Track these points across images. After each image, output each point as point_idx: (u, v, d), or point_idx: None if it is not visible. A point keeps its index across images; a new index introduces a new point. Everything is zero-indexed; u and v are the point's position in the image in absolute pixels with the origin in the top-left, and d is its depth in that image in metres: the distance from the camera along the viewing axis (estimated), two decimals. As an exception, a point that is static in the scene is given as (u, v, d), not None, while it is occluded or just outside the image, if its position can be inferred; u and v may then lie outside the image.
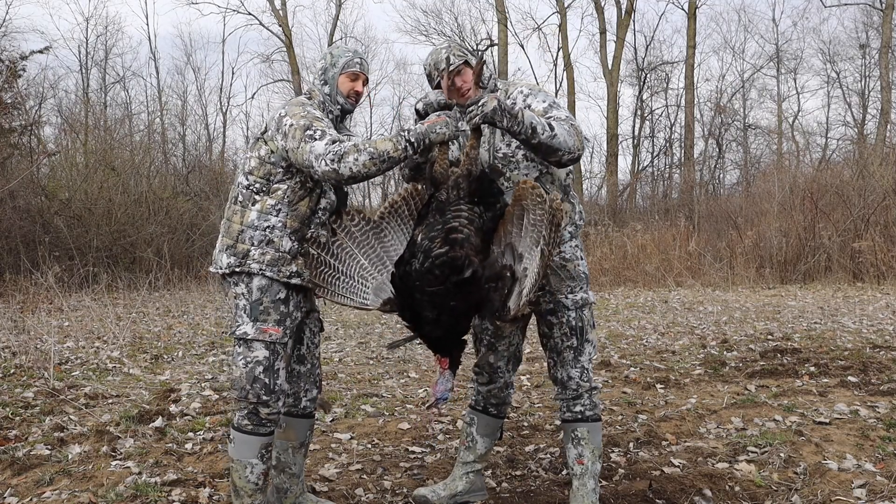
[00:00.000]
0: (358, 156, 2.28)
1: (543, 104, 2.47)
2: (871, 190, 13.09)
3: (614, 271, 13.10)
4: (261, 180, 2.50)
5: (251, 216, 2.49)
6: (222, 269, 2.52)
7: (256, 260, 2.46)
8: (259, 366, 2.47)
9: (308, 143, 2.34)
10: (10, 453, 3.29)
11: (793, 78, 23.62)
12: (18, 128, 12.52)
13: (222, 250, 2.53)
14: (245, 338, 2.47)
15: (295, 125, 2.40)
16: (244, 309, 2.48)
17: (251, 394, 2.48)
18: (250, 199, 2.51)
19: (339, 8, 23.03)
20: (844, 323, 7.24)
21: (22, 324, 6.89)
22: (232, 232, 2.51)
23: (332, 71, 2.59)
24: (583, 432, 2.59)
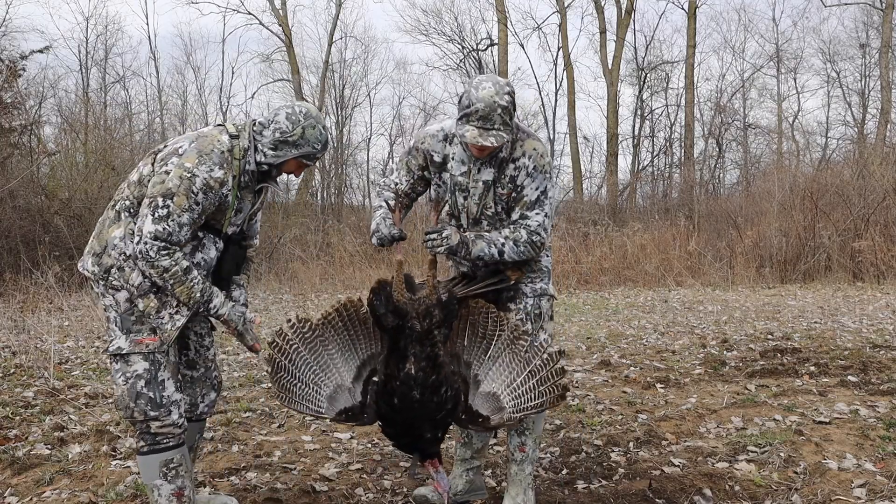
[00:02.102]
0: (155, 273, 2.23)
1: (535, 194, 2.47)
2: (871, 189, 13.09)
3: (614, 271, 13.09)
4: (133, 199, 2.33)
5: (115, 233, 2.31)
6: (87, 273, 2.36)
7: (116, 278, 2.31)
8: (140, 380, 2.30)
9: (147, 211, 2.22)
10: (11, 453, 3.29)
11: (793, 77, 23.60)
12: (18, 127, 12.51)
13: (89, 253, 2.36)
14: (120, 353, 2.30)
15: (169, 178, 2.22)
16: (115, 322, 2.32)
17: (136, 411, 2.30)
18: (121, 214, 2.34)
19: (339, 7, 23.02)
20: (844, 322, 7.24)
21: (22, 323, 6.89)
22: (102, 239, 2.34)
23: (289, 149, 2.35)
24: (528, 423, 2.64)
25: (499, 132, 2.31)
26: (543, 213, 2.48)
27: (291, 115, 2.35)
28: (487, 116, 2.30)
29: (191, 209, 2.22)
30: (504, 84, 2.34)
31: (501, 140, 2.32)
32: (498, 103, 2.29)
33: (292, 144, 2.35)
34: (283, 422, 3.92)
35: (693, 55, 20.38)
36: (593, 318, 8.30)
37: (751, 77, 23.40)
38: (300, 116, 2.35)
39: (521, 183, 2.46)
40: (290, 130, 2.34)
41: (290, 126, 2.34)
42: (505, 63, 21.35)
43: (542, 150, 2.48)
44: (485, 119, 2.30)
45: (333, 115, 23.55)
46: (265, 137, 2.36)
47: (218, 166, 2.26)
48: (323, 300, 10.80)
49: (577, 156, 20.98)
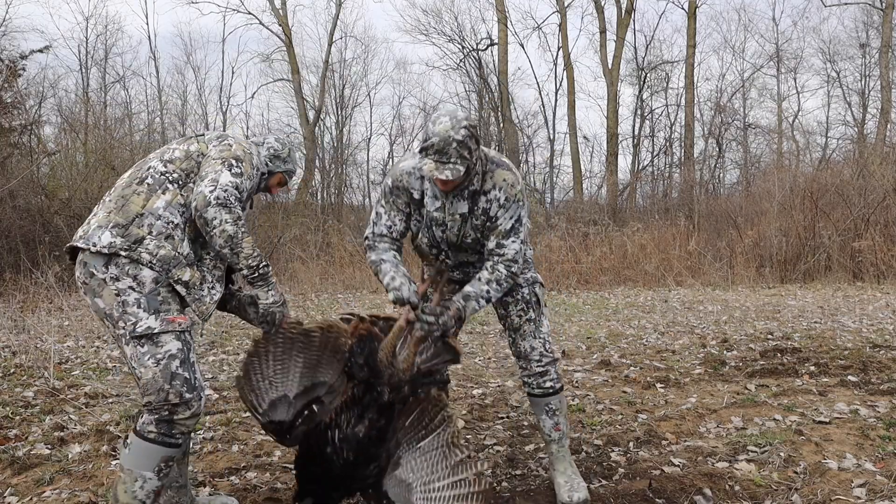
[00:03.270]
0: (230, 220, 2.19)
1: (509, 223, 2.53)
2: (871, 189, 13.10)
3: (614, 270, 13.09)
4: (180, 172, 2.34)
5: (157, 203, 2.26)
6: (98, 247, 2.19)
7: (150, 251, 2.21)
8: (174, 360, 2.20)
9: (223, 166, 2.28)
10: (11, 452, 3.29)
11: (793, 77, 23.61)
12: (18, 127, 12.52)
13: (104, 226, 2.22)
14: (150, 333, 2.18)
15: (233, 148, 2.37)
16: (137, 303, 2.19)
17: (172, 393, 2.19)
18: (162, 185, 2.30)
19: (339, 7, 23.02)
20: (844, 322, 7.24)
21: (22, 323, 6.90)
22: (128, 212, 2.25)
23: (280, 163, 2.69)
24: (556, 403, 2.82)
25: (455, 165, 2.35)
26: (519, 240, 2.55)
27: (279, 139, 2.73)
28: (443, 150, 2.34)
29: (251, 178, 2.37)
30: (462, 119, 2.37)
31: (458, 173, 2.35)
32: (453, 137, 2.33)
33: (282, 160, 2.70)
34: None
35: (693, 55, 20.39)
36: (593, 317, 8.31)
37: (751, 77, 23.42)
38: (286, 140, 2.74)
39: (494, 214, 2.54)
40: (281, 149, 2.70)
41: (281, 146, 2.70)
42: (505, 63, 21.36)
43: (511, 180, 2.52)
44: (440, 153, 2.34)
45: (333, 115, 23.56)
46: (261, 153, 2.65)
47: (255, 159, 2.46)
48: (323, 300, 10.80)
49: (577, 156, 20.99)
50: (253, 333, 7.02)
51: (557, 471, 2.82)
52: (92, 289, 2.23)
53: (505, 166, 2.55)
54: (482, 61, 22.42)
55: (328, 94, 23.14)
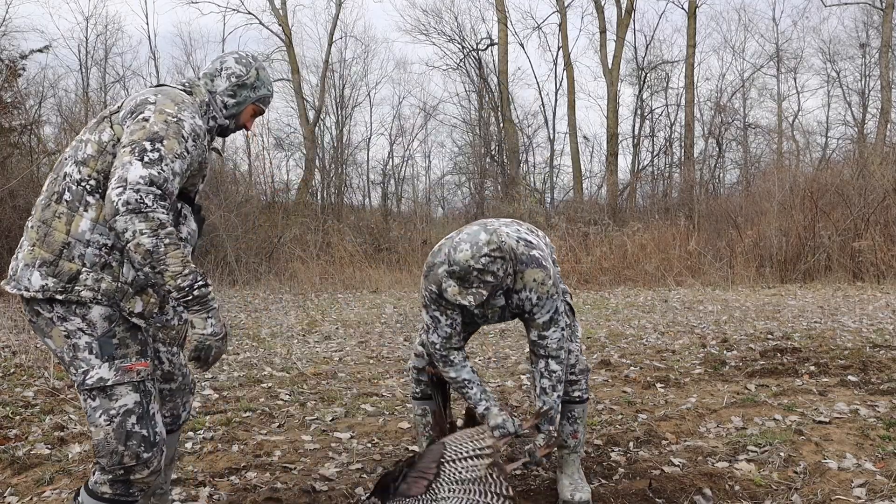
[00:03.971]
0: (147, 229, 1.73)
1: (546, 316, 2.57)
2: (871, 189, 13.10)
3: (614, 270, 13.10)
4: (97, 176, 1.89)
5: (82, 225, 1.87)
6: (31, 292, 1.86)
7: (89, 286, 1.85)
8: (130, 416, 1.89)
9: (132, 155, 1.78)
10: (11, 452, 3.29)
11: (793, 77, 23.60)
12: (18, 127, 12.53)
13: (31, 265, 1.88)
14: (102, 385, 1.87)
15: (149, 124, 1.85)
16: (88, 348, 1.87)
17: (127, 455, 1.89)
18: (82, 199, 1.88)
19: (339, 7, 23.02)
20: (844, 322, 7.24)
21: (22, 323, 6.90)
22: (52, 243, 1.87)
23: (248, 92, 2.18)
24: (579, 412, 2.87)
25: (478, 290, 2.37)
26: (559, 328, 2.60)
27: (241, 59, 2.19)
28: (464, 278, 2.36)
29: (181, 156, 1.86)
30: (482, 245, 2.33)
31: (480, 297, 2.38)
32: (473, 267, 2.33)
33: (250, 87, 2.19)
34: (283, 421, 3.92)
35: (693, 55, 20.39)
36: (593, 317, 8.31)
37: (751, 77, 23.41)
38: (250, 59, 2.21)
39: (529, 310, 2.57)
40: (245, 73, 2.18)
41: (244, 69, 2.18)
42: (505, 63, 21.36)
43: (541, 278, 2.52)
44: (462, 280, 2.37)
45: (333, 115, 23.55)
46: (220, 86, 2.15)
47: (198, 115, 1.99)
48: (323, 300, 10.80)
49: (577, 155, 20.99)
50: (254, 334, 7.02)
51: (564, 473, 2.84)
52: (40, 328, 1.93)
53: (534, 264, 2.52)
54: (482, 61, 22.43)
55: (328, 93, 23.15)
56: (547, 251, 2.66)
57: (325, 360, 5.75)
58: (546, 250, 2.64)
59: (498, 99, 21.57)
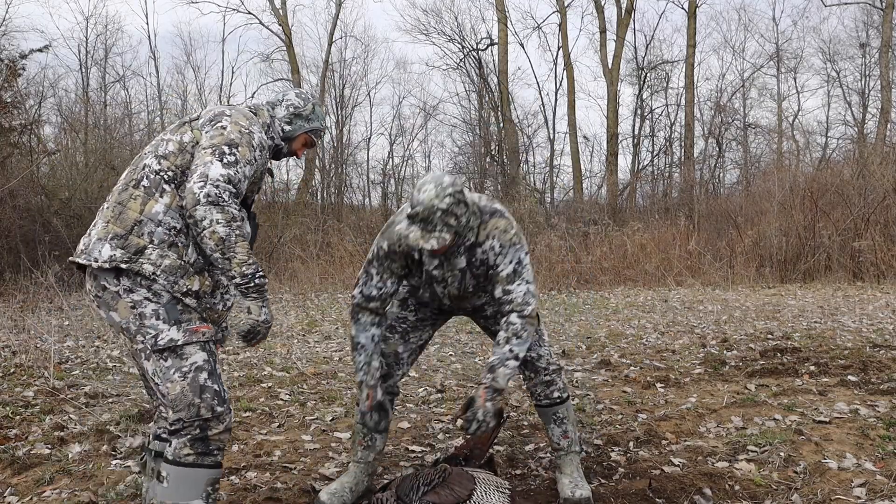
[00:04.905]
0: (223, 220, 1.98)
1: (510, 268, 2.49)
2: (871, 189, 13.10)
3: (614, 270, 13.10)
4: (175, 169, 2.12)
5: (156, 207, 2.07)
6: (100, 262, 2.02)
7: (152, 261, 2.03)
8: (202, 372, 2.04)
9: (213, 156, 2.04)
10: (11, 452, 3.29)
11: (793, 77, 23.61)
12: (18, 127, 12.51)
13: (104, 238, 2.05)
14: (173, 345, 2.02)
15: (227, 132, 2.11)
16: (155, 314, 2.03)
17: (203, 407, 2.01)
18: (158, 186, 2.09)
19: (339, 7, 23.02)
20: (844, 322, 7.24)
21: (22, 323, 6.90)
22: (125, 219, 2.06)
23: (302, 122, 2.43)
24: (563, 412, 2.85)
25: (441, 233, 2.33)
26: (524, 281, 2.51)
27: (300, 94, 2.46)
28: (428, 219, 2.32)
29: (250, 163, 2.12)
30: (447, 185, 2.33)
31: (443, 241, 2.34)
32: (437, 206, 2.31)
33: (305, 118, 2.43)
34: (282, 421, 3.92)
35: (693, 55, 20.39)
36: (593, 317, 8.31)
37: (751, 77, 23.42)
38: (308, 95, 2.48)
39: (493, 263, 2.51)
40: (302, 106, 2.43)
41: (302, 102, 2.44)
42: (505, 63, 21.37)
43: (503, 226, 2.50)
44: (425, 221, 2.33)
45: (333, 115, 23.55)
46: (279, 113, 2.42)
47: (262, 132, 2.25)
48: (323, 300, 10.80)
49: (577, 155, 20.99)
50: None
51: (564, 473, 2.83)
52: (105, 302, 2.07)
53: (497, 214, 2.52)
54: (482, 61, 22.44)
55: (328, 93, 23.14)
56: None
57: (325, 360, 5.75)
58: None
59: (498, 99, 21.57)
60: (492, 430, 2.91)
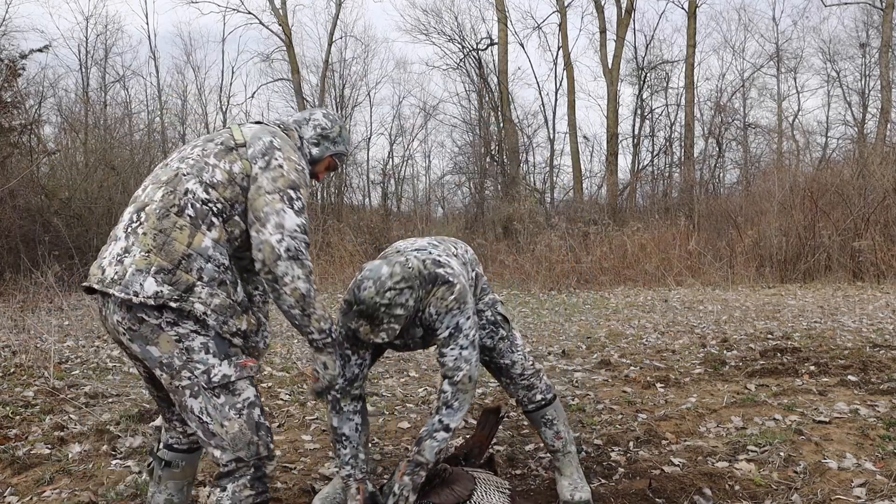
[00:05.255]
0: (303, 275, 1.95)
1: (446, 332, 2.40)
2: (871, 189, 13.10)
3: (614, 270, 13.10)
4: (224, 202, 1.98)
5: (205, 242, 1.93)
6: (142, 298, 1.85)
7: (203, 300, 1.90)
8: (255, 408, 1.97)
9: (284, 203, 1.97)
10: (11, 452, 3.29)
11: (793, 77, 23.63)
12: (18, 127, 12.52)
13: (146, 271, 1.87)
14: (227, 382, 1.93)
15: (286, 171, 2.02)
16: (204, 348, 1.91)
17: (261, 445, 1.97)
18: (206, 218, 1.95)
19: (339, 7, 23.02)
20: (844, 322, 7.24)
21: (22, 323, 6.90)
22: (172, 252, 1.89)
23: (328, 144, 2.35)
24: (552, 413, 2.81)
25: (389, 325, 2.28)
26: (459, 346, 2.42)
27: (328, 115, 2.39)
28: (373, 315, 2.26)
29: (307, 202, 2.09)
30: (385, 279, 2.23)
31: (393, 332, 2.30)
32: (379, 303, 2.24)
33: (332, 140, 2.36)
34: (282, 421, 3.92)
35: (693, 55, 20.39)
36: (593, 317, 8.31)
37: (751, 76, 23.43)
38: (335, 116, 2.41)
39: (431, 326, 2.45)
40: (330, 127, 2.36)
41: (329, 123, 2.37)
42: (505, 63, 21.37)
43: (440, 294, 2.40)
44: (371, 318, 2.27)
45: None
46: (306, 133, 2.34)
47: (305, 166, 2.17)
48: (323, 300, 10.81)
49: (577, 155, 21.00)
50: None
51: (563, 475, 2.82)
52: (142, 335, 1.90)
53: (439, 281, 2.41)
54: (482, 61, 22.44)
55: (328, 93, 23.15)
56: (459, 269, 2.52)
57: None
58: (457, 268, 2.50)
59: (498, 99, 21.57)
60: (491, 428, 2.92)
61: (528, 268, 13.06)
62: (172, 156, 2.15)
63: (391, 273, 2.26)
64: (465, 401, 2.43)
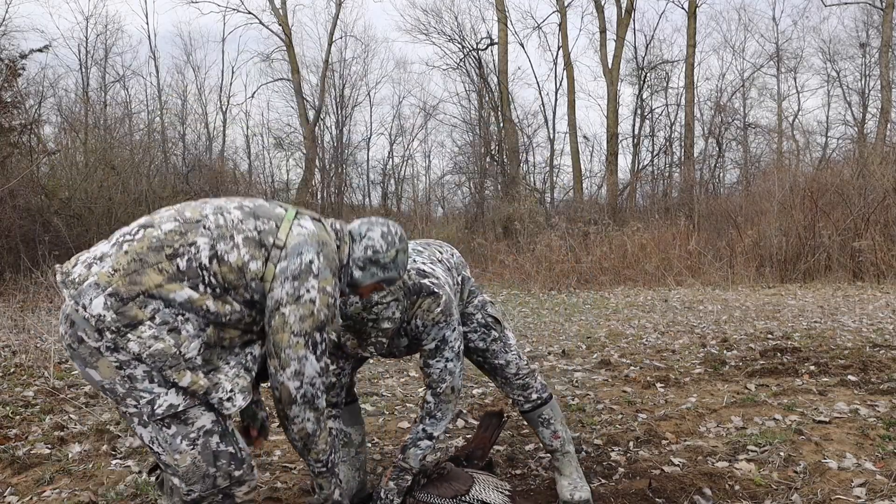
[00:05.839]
0: (313, 418, 1.95)
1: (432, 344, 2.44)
2: (871, 189, 13.10)
3: (614, 270, 13.10)
4: (223, 282, 1.84)
5: (177, 294, 1.77)
6: (85, 313, 1.73)
7: (142, 341, 1.73)
8: (212, 435, 1.82)
9: (307, 349, 1.88)
10: (11, 452, 3.29)
11: (793, 77, 23.63)
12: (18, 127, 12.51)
13: (101, 287, 1.74)
14: (174, 412, 1.77)
15: (316, 310, 1.88)
16: (148, 377, 1.75)
17: (220, 476, 1.84)
18: (194, 280, 1.80)
19: (339, 7, 23.02)
20: (844, 322, 7.24)
21: (22, 322, 6.90)
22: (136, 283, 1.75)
23: (376, 269, 2.11)
24: (548, 412, 2.82)
25: (378, 340, 2.32)
26: (444, 358, 2.46)
27: (387, 235, 2.13)
28: (361, 331, 2.31)
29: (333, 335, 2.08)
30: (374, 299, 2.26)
31: (381, 347, 2.34)
32: (367, 318, 2.26)
33: (382, 266, 2.11)
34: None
35: (693, 54, 20.39)
36: (593, 317, 8.31)
37: (751, 76, 23.43)
38: (395, 238, 2.14)
39: (417, 336, 2.48)
40: (384, 251, 2.11)
41: (385, 246, 2.12)
42: (505, 62, 21.37)
43: (427, 306, 2.39)
44: (359, 333, 2.31)
45: (333, 115, 23.57)
46: (355, 252, 2.10)
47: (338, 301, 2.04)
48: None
49: (577, 155, 21.00)
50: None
51: (563, 474, 2.82)
52: (81, 357, 1.77)
53: (424, 292, 2.40)
54: (482, 61, 22.44)
55: (328, 93, 23.15)
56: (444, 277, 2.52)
57: (325, 360, 5.75)
58: (443, 277, 2.50)
59: (498, 99, 21.58)
60: (494, 430, 2.92)
61: (528, 268, 13.07)
62: (217, 202, 1.98)
63: None
64: (449, 410, 2.50)
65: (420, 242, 2.73)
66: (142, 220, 1.92)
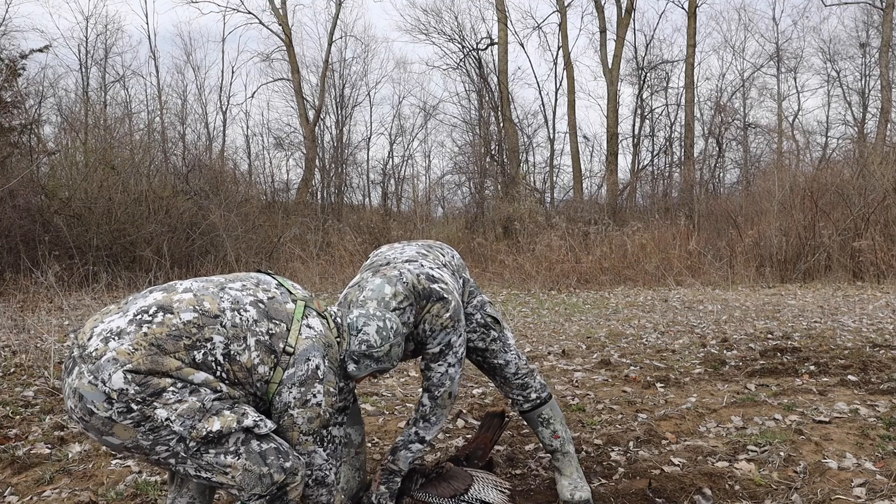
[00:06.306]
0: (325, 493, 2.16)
1: (437, 348, 2.47)
2: (871, 189, 13.10)
3: (614, 270, 13.10)
4: (234, 376, 1.92)
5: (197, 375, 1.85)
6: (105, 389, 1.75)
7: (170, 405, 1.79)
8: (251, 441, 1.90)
9: (316, 447, 2.10)
10: (11, 452, 3.29)
11: (793, 77, 23.63)
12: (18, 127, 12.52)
13: (120, 363, 1.76)
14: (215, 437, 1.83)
15: (322, 411, 2.04)
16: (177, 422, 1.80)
17: (274, 472, 1.92)
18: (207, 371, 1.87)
19: (339, 7, 23.02)
20: (844, 322, 7.24)
21: (22, 322, 6.90)
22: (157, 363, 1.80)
23: (370, 362, 2.20)
24: (548, 412, 2.84)
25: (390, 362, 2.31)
26: (447, 363, 2.48)
27: (382, 331, 2.21)
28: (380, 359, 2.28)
29: None
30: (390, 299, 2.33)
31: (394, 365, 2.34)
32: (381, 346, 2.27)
33: (375, 360, 2.21)
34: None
35: (693, 54, 20.39)
36: (593, 317, 8.31)
37: (751, 76, 23.43)
38: (391, 333, 2.22)
39: (423, 341, 2.49)
40: (378, 346, 2.20)
41: (379, 342, 2.20)
42: (505, 62, 21.36)
43: (436, 311, 2.42)
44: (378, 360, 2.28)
45: (333, 115, 23.57)
46: (351, 345, 2.20)
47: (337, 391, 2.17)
48: (323, 300, 10.80)
49: (577, 155, 20.99)
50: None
51: (563, 474, 2.82)
52: (95, 428, 1.80)
53: (433, 297, 2.43)
54: (482, 61, 22.44)
55: (328, 93, 23.15)
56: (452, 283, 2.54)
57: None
58: (451, 282, 2.53)
59: (498, 98, 21.57)
60: (495, 431, 2.93)
61: (528, 268, 13.06)
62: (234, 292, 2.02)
63: (394, 293, 2.35)
64: (443, 415, 2.52)
65: (422, 245, 2.74)
66: (159, 298, 1.94)
